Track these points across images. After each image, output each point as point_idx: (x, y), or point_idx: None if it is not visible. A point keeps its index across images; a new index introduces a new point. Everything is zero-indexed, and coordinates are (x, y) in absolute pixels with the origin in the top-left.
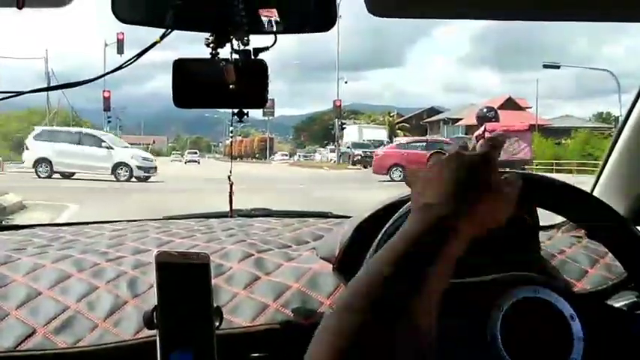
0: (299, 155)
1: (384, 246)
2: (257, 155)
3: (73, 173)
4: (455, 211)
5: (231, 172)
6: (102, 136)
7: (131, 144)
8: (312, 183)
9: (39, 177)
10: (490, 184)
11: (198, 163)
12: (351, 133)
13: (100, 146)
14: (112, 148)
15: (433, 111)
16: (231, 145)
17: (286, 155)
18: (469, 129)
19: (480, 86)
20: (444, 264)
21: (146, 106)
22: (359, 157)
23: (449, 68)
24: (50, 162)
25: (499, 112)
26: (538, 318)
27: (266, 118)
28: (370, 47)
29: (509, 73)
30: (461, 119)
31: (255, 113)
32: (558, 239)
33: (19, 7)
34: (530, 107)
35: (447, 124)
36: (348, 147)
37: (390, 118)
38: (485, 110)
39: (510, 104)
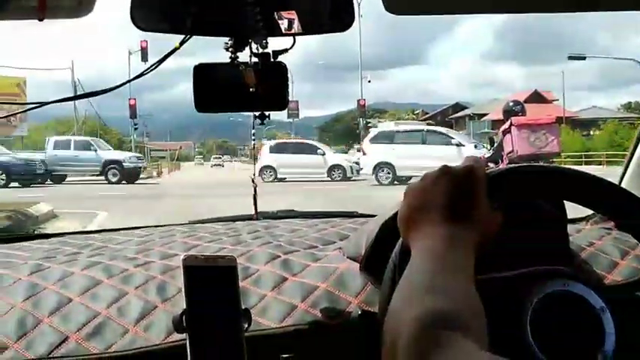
0: None
1: (404, 282)
2: None
3: (410, 177)
4: (457, 227)
5: (254, 174)
6: (448, 132)
7: (158, 150)
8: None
9: (380, 184)
10: (478, 194)
11: (222, 166)
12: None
13: (450, 144)
14: (462, 145)
15: (458, 107)
16: (253, 147)
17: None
18: (495, 124)
19: (504, 81)
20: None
21: (171, 112)
22: None
23: (472, 64)
24: (393, 166)
25: (525, 105)
26: (568, 311)
27: (291, 119)
28: (393, 46)
29: (534, 67)
30: (486, 114)
31: (280, 115)
32: (587, 232)
33: (40, 19)
34: (557, 100)
35: (472, 120)
36: None
37: (415, 116)
38: (511, 104)
39: (536, 97)
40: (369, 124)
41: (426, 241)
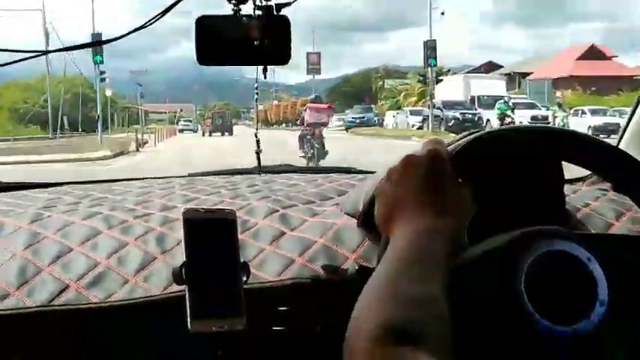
0: (342, 119)
1: (386, 265)
2: (298, 121)
3: None
4: (431, 219)
5: (257, 129)
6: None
7: (157, 112)
8: None
9: None
10: (444, 179)
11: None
12: (449, 89)
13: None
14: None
15: (493, 66)
16: (256, 101)
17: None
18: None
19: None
20: (445, 263)
21: (172, 70)
22: (455, 122)
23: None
24: None
25: (580, 62)
26: (558, 269)
27: (311, 75)
28: (400, 6)
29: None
30: (530, 73)
31: (285, 78)
32: (584, 192)
33: None
34: (617, 56)
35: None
36: (438, 107)
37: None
38: None
39: (594, 53)
40: (385, 86)
41: (400, 241)
